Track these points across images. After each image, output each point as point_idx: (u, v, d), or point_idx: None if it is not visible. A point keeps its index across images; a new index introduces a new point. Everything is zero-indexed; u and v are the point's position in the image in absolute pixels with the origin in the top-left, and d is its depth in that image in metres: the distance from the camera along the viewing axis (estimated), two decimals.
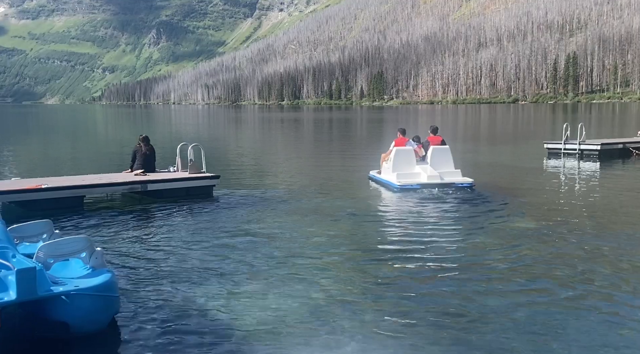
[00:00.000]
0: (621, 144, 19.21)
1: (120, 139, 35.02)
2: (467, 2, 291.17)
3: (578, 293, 5.80)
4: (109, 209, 10.52)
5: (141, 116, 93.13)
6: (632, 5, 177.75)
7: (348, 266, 6.81)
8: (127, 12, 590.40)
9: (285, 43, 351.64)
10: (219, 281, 6.21)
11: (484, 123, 52.72)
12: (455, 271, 6.54)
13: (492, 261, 6.97)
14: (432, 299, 5.65)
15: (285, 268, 6.72)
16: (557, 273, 6.46)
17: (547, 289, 5.92)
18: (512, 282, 6.14)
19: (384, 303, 5.56)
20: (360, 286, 6.06)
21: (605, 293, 5.77)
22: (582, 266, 6.71)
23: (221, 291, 5.89)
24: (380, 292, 5.88)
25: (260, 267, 6.74)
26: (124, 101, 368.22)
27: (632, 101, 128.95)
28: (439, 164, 12.75)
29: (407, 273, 6.51)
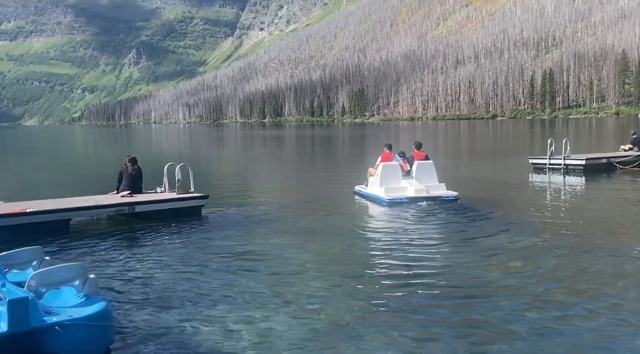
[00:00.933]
0: (605, 159, 19.43)
1: (103, 160, 34.62)
2: (445, 21, 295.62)
3: (565, 307, 5.79)
4: (96, 233, 10.29)
5: (122, 136, 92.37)
6: (605, 22, 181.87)
7: (343, 288, 6.69)
8: (107, 32, 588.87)
9: (266, 61, 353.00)
10: (213, 306, 6.07)
11: (465, 139, 53.19)
12: (450, 288, 6.49)
13: (486, 278, 6.91)
14: (429, 320, 5.56)
15: (278, 290, 6.59)
16: (545, 287, 6.46)
17: (535, 304, 5.89)
18: (512, 300, 6.09)
19: (379, 325, 5.45)
20: (356, 309, 5.95)
21: (594, 308, 5.76)
22: (570, 281, 6.71)
23: (215, 317, 5.75)
24: (375, 314, 5.78)
25: (253, 290, 6.60)
26: (104, 121, 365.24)
27: (608, 116, 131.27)
28: (424, 179, 13.18)
29: (403, 293, 6.42)
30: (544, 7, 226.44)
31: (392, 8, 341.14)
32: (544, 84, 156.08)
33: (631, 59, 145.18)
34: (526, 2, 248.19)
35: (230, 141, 61.14)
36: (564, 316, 5.59)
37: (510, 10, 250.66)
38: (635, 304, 5.89)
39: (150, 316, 5.77)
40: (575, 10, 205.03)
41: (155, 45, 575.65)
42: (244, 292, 6.52)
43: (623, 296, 6.16)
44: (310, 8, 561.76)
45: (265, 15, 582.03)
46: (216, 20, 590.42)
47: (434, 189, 12.97)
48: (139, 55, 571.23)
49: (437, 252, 8.30)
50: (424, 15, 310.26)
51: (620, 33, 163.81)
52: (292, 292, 6.51)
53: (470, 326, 5.41)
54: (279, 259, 8.08)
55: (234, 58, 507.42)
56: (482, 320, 5.53)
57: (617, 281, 6.69)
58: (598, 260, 7.64)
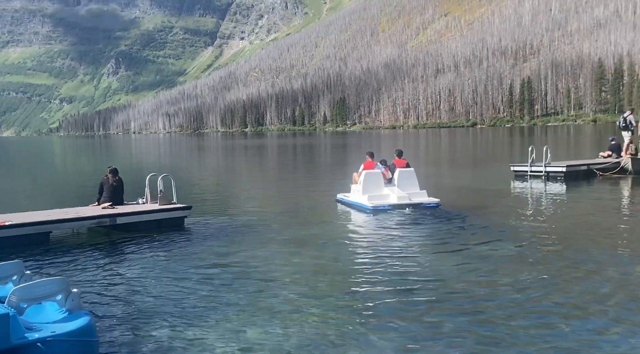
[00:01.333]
0: (585, 166, 19.68)
1: (81, 171, 34.17)
2: (424, 30, 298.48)
3: (549, 313, 5.82)
4: (78, 245, 10.10)
5: (101, 146, 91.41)
6: (581, 31, 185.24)
7: (330, 298, 6.63)
8: (85, 42, 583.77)
9: (247, 71, 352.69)
10: (197, 318, 5.98)
11: (446, 147, 53.58)
12: (436, 297, 6.47)
13: (472, 286, 6.90)
14: (417, 330, 5.53)
15: (263, 302, 6.52)
16: (530, 294, 6.50)
17: (522, 311, 5.91)
18: (499, 308, 6.09)
19: (366, 335, 5.41)
20: (343, 320, 5.90)
21: (579, 312, 5.78)
22: (554, 287, 6.74)
23: (201, 330, 5.66)
24: (362, 324, 5.73)
25: (238, 302, 6.51)
26: (82, 131, 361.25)
27: (585, 123, 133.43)
28: (406, 186, 13.45)
29: (390, 302, 6.38)
30: (521, 16, 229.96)
31: (372, 18, 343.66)
32: (523, 92, 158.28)
33: (607, 67, 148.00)
34: (504, 11, 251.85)
35: (211, 151, 60.83)
36: (549, 323, 5.61)
37: (488, 19, 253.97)
38: (619, 309, 5.92)
39: (135, 330, 5.66)
40: (552, 19, 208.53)
41: (135, 54, 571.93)
42: (229, 304, 6.44)
43: (607, 302, 6.19)
44: (291, 17, 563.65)
45: (245, 25, 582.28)
46: (196, 29, 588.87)
47: (415, 196, 13.20)
48: (118, 65, 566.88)
49: (423, 260, 8.29)
50: (403, 25, 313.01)
51: (596, 41, 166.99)
52: (278, 303, 6.44)
53: (459, 334, 5.39)
54: (264, 270, 8.00)
55: (214, 67, 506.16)
56: (470, 329, 5.52)
57: (601, 286, 6.74)
58: (581, 266, 7.70)
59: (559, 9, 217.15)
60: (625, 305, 6.09)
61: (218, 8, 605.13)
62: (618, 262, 7.93)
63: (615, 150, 21.25)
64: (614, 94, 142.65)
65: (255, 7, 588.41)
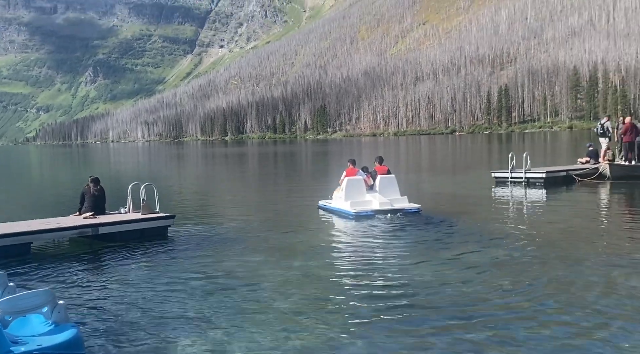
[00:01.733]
0: (564, 172, 19.98)
1: (60, 180, 33.70)
2: (403, 39, 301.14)
3: (530, 314, 5.87)
4: (59, 256, 9.94)
5: (79, 155, 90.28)
6: (557, 39, 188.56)
7: (316, 307, 6.62)
8: (62, 51, 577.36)
9: (226, 79, 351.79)
10: (184, 329, 5.92)
11: (426, 154, 53.98)
12: (420, 302, 6.49)
13: (456, 291, 6.95)
14: (407, 337, 5.54)
15: (249, 311, 6.48)
16: (511, 298, 6.57)
17: (505, 315, 5.96)
18: (484, 314, 6.14)
19: (354, 344, 5.40)
20: (330, 329, 5.88)
21: (563, 316, 5.86)
22: (535, 291, 6.82)
23: (187, 339, 5.61)
24: (349, 332, 5.72)
25: (223, 312, 6.47)
26: (59, 140, 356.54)
27: (562, 130, 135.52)
28: (387, 192, 13.68)
29: (377, 310, 6.39)
30: (498, 24, 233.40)
31: (351, 26, 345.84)
32: (500, 99, 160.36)
33: (582, 74, 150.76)
34: (481, 20, 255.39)
35: (192, 159, 60.46)
36: (532, 328, 5.66)
37: (465, 28, 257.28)
38: (601, 312, 6.01)
39: (122, 342, 5.58)
40: (528, 28, 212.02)
41: (113, 63, 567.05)
42: (215, 314, 6.39)
43: (589, 304, 6.28)
44: (270, 25, 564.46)
45: (224, 33, 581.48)
46: (175, 37, 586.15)
47: (397, 202, 13.43)
48: (96, 73, 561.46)
49: (408, 267, 8.32)
50: (382, 33, 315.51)
51: (571, 50, 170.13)
52: (263, 312, 6.41)
53: (443, 340, 5.41)
54: (248, 279, 7.96)
55: (193, 75, 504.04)
56: (455, 334, 5.54)
57: (583, 290, 6.83)
58: (563, 270, 7.80)
59: (535, 18, 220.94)
60: (608, 308, 6.17)
61: (197, 16, 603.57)
62: (598, 266, 8.05)
63: (592, 156, 21.62)
64: (589, 101, 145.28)
65: (234, 15, 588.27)
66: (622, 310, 6.12)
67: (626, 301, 6.43)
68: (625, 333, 5.45)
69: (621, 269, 7.83)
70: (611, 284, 7.15)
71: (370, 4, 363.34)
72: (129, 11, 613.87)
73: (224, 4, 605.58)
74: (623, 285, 7.08)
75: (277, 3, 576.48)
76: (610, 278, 7.40)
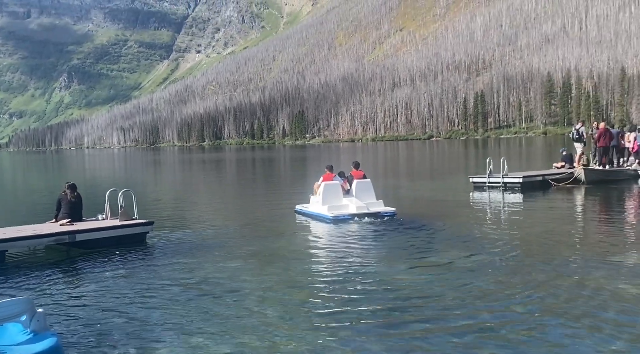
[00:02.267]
0: (541, 176, 20.26)
1: (34, 187, 33.10)
2: (380, 45, 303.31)
3: (510, 317, 5.93)
4: (35, 264, 9.75)
5: (53, 162, 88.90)
6: (531, 46, 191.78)
7: (298, 312, 6.59)
8: (36, 56, 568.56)
9: (204, 84, 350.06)
10: (164, 336, 5.86)
11: (404, 159, 54.33)
12: (399, 305, 6.52)
13: (434, 294, 6.99)
14: (391, 342, 5.55)
15: (228, 316, 6.43)
16: (489, 301, 6.62)
17: (484, 317, 6.02)
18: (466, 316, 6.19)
19: (337, 350, 5.40)
20: (312, 333, 5.87)
21: (540, 318, 5.93)
22: (511, 293, 6.90)
23: (168, 347, 5.55)
24: (331, 338, 5.71)
25: (203, 319, 6.40)
26: (33, 146, 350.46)
27: (536, 135, 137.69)
28: (363, 196, 13.98)
29: (358, 316, 6.39)
30: (473, 31, 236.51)
31: (329, 32, 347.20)
32: (476, 105, 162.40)
33: (556, 81, 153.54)
34: (457, 27, 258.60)
35: (169, 165, 59.94)
36: (513, 329, 5.72)
37: (442, 34, 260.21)
38: (580, 314, 6.09)
39: (103, 350, 5.49)
40: (502, 34, 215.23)
41: (88, 68, 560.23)
42: (195, 320, 6.33)
43: (564, 307, 6.37)
44: (248, 31, 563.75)
45: (201, 38, 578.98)
46: (151, 43, 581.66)
47: (373, 206, 13.69)
48: (71, 79, 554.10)
49: (386, 271, 8.34)
50: (360, 39, 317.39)
51: (545, 56, 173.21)
52: (244, 318, 6.36)
53: (420, 343, 5.44)
54: (227, 285, 7.90)
55: (170, 81, 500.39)
56: (435, 337, 5.58)
57: (559, 292, 6.92)
58: (539, 273, 7.90)
59: (510, 25, 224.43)
60: (585, 309, 6.27)
61: (173, 21, 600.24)
62: (574, 268, 8.17)
63: (567, 160, 21.99)
64: (562, 107, 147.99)
65: (211, 21, 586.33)
66: (604, 312, 6.21)
67: (605, 302, 6.54)
68: (606, 335, 5.53)
69: (599, 271, 7.96)
70: (590, 286, 7.25)
71: (348, 11, 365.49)
72: (104, 16, 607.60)
73: (201, 9, 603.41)
74: (599, 286, 7.19)
75: (254, 9, 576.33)
76: (589, 280, 7.50)
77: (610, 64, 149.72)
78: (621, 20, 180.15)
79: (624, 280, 7.46)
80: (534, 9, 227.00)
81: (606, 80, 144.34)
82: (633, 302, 6.52)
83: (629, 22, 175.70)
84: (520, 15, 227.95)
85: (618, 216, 13.97)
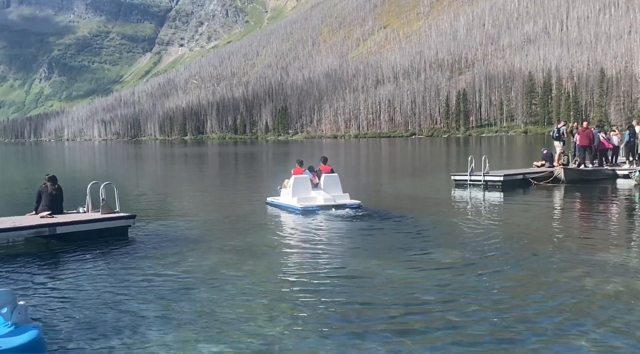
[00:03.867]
0: (521, 175, 20.50)
1: (13, 179, 32.62)
2: (364, 42, 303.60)
3: (488, 314, 6.02)
4: (15, 256, 9.64)
5: (32, 154, 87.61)
6: (513, 46, 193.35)
7: (277, 304, 6.62)
8: (16, 46, 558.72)
9: (186, 78, 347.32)
10: (145, 329, 5.85)
11: (386, 156, 54.54)
12: (380, 300, 6.58)
13: (414, 290, 7.06)
14: (370, 336, 5.60)
15: (211, 312, 6.43)
16: (466, 297, 6.72)
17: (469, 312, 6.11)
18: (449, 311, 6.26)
19: (318, 344, 5.44)
20: (297, 327, 5.90)
21: (517, 315, 6.03)
22: (488, 288, 7.00)
23: (149, 340, 5.55)
24: (309, 333, 5.75)
25: (184, 312, 6.41)
26: (11, 138, 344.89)
27: (517, 134, 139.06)
28: (331, 189, 14.97)
29: (344, 307, 6.45)
30: (456, 30, 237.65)
31: (313, 28, 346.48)
32: (458, 103, 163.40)
33: (537, 81, 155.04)
34: (440, 25, 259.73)
35: (151, 159, 59.45)
36: (490, 325, 5.81)
37: (425, 32, 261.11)
38: (558, 311, 6.20)
39: (84, 343, 5.46)
40: (485, 34, 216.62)
41: (69, 60, 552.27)
42: (177, 313, 6.34)
43: (544, 304, 6.48)
44: (232, 25, 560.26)
45: (185, 31, 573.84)
46: (133, 35, 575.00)
47: (340, 198, 14.68)
48: (51, 70, 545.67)
49: (365, 263, 8.41)
50: (344, 36, 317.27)
51: (526, 56, 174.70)
52: (225, 312, 6.37)
53: (403, 337, 5.50)
54: (208, 278, 7.90)
55: (152, 74, 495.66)
56: (412, 330, 5.64)
57: (538, 289, 7.04)
58: (517, 270, 8.04)
59: (492, 24, 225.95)
60: (566, 305, 6.38)
61: (156, 14, 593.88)
62: (552, 265, 8.30)
63: (548, 159, 22.29)
64: (543, 106, 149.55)
65: (195, 14, 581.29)
66: (584, 307, 6.33)
67: (581, 297, 6.66)
68: (587, 330, 5.64)
69: (577, 268, 8.10)
70: (568, 282, 7.37)
71: (332, 7, 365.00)
72: (86, 7, 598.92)
73: (184, 2, 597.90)
74: (578, 282, 7.32)
75: (238, 3, 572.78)
76: (567, 277, 7.63)
77: (590, 65, 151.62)
78: (601, 22, 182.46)
79: (603, 276, 7.61)
80: (517, 9, 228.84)
81: (586, 81, 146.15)
82: (613, 298, 6.65)
83: (608, 24, 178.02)
84: (502, 15, 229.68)
85: (596, 214, 14.22)
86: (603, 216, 13.86)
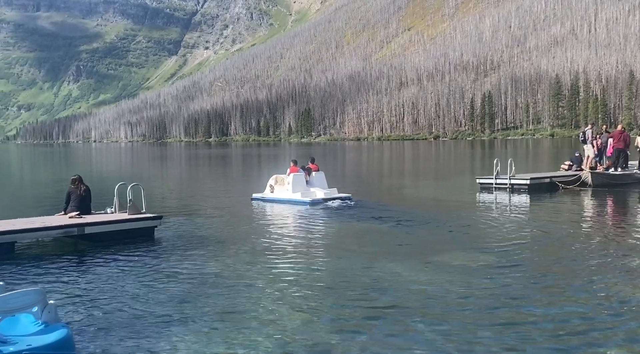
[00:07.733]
0: (548, 178, 20.18)
1: (42, 180, 33.27)
2: (388, 44, 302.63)
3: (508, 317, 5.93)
4: (45, 256, 9.83)
5: (60, 155, 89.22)
6: (540, 48, 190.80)
7: (306, 307, 6.62)
8: (45, 49, 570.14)
9: (211, 80, 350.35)
10: (174, 329, 5.90)
11: (409, 159, 54.23)
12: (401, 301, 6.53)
13: (427, 292, 7.00)
14: (384, 335, 5.57)
15: (239, 311, 6.46)
16: (486, 299, 6.63)
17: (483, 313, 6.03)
18: (459, 309, 6.19)
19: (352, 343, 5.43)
20: (337, 325, 5.89)
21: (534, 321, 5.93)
22: (511, 293, 6.89)
23: (178, 340, 5.59)
24: (333, 335, 5.73)
25: (215, 311, 6.45)
26: (40, 139, 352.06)
27: (543, 137, 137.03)
28: (319, 185, 17.08)
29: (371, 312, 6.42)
30: (482, 32, 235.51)
31: (337, 30, 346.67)
32: (483, 106, 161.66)
33: (564, 83, 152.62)
34: (465, 27, 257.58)
35: (176, 161, 60.07)
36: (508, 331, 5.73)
37: (450, 34, 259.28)
38: (577, 317, 6.09)
39: (113, 343, 5.53)
40: (511, 36, 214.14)
41: (96, 63, 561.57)
42: (205, 314, 6.38)
43: (567, 309, 6.36)
44: (256, 28, 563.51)
45: (210, 34, 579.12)
46: (160, 38, 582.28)
47: (332, 193, 16.77)
48: (79, 72, 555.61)
49: (396, 268, 8.36)
50: (368, 38, 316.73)
51: (553, 58, 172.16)
52: (254, 313, 6.39)
53: (407, 337, 5.45)
54: (236, 279, 7.94)
55: (178, 77, 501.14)
56: (420, 331, 5.59)
57: (559, 297, 6.91)
58: (542, 275, 7.90)
59: (518, 26, 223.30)
60: (595, 312, 6.26)
61: (182, 17, 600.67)
62: (579, 271, 8.15)
63: (576, 162, 21.92)
64: (570, 109, 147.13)
65: (220, 17, 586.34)
66: (617, 317, 6.20)
67: (615, 306, 6.53)
68: (616, 340, 5.53)
69: (607, 274, 7.94)
70: (599, 290, 7.24)
71: (356, 9, 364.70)
72: (113, 11, 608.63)
73: (210, 6, 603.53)
74: (608, 290, 7.18)
75: (263, 6, 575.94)
76: (598, 284, 7.49)
77: (619, 67, 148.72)
78: (630, 24, 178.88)
79: (633, 283, 7.44)
80: (543, 11, 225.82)
81: (614, 84, 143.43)
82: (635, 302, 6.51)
83: (638, 26, 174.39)
84: (529, 17, 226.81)
85: (624, 219, 13.93)
86: (631, 221, 13.57)
